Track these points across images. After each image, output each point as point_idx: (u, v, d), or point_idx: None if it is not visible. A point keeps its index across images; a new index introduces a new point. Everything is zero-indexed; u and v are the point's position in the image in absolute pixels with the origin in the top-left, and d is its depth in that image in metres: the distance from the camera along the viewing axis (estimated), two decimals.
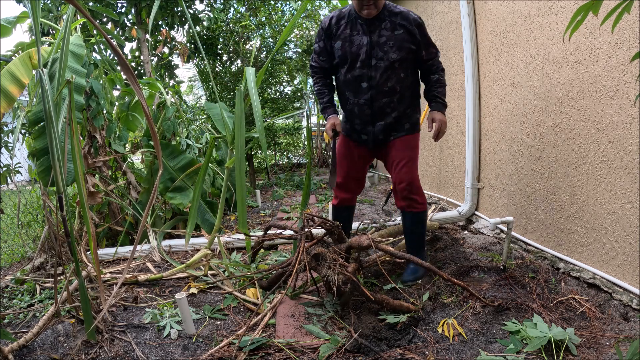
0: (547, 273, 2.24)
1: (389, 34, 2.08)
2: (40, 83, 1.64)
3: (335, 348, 1.63)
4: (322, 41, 2.23)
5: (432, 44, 2.18)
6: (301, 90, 7.70)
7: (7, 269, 2.86)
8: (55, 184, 1.63)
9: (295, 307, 2.04)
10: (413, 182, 2.23)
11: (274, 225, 2.35)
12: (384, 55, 2.09)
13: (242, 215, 2.13)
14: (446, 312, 1.91)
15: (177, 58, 6.25)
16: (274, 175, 7.46)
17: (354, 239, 1.95)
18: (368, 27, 2.10)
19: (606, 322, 1.76)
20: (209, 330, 1.87)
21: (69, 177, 2.32)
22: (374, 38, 2.09)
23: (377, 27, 2.09)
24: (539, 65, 2.36)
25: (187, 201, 3.31)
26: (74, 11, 2.07)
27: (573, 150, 2.16)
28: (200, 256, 2.41)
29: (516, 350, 1.56)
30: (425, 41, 2.14)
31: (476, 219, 3.22)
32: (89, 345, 1.72)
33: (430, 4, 3.89)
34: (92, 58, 2.89)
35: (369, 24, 2.09)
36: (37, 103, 2.53)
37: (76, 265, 1.67)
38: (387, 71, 2.11)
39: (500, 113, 2.80)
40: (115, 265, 2.77)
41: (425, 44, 2.14)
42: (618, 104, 1.85)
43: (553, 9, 2.20)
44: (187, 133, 3.91)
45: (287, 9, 6.89)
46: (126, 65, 1.54)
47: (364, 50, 2.10)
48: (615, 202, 1.91)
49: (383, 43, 2.08)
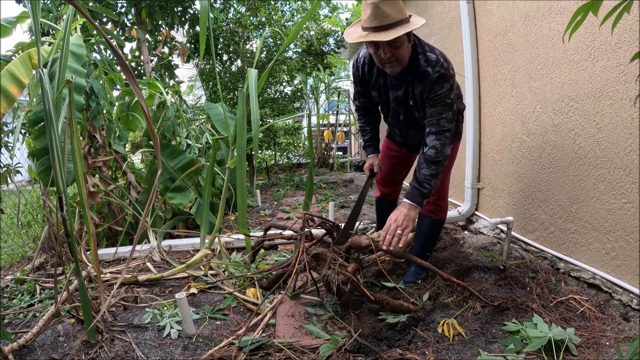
0: (547, 273, 2.24)
1: (412, 92, 1.89)
2: (40, 83, 1.64)
3: (335, 348, 1.63)
4: (359, 85, 2.14)
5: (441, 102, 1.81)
6: (301, 90, 7.70)
7: (7, 269, 2.86)
8: (55, 184, 1.63)
9: (295, 307, 2.04)
10: (442, 189, 2.23)
11: (274, 225, 2.35)
12: (409, 112, 1.99)
13: (243, 216, 2.13)
14: (446, 312, 1.91)
15: (177, 58, 6.24)
16: (274, 175, 7.45)
17: (354, 238, 1.95)
18: (396, 80, 1.92)
19: (606, 322, 1.76)
20: (209, 330, 1.87)
21: (69, 177, 2.32)
22: (399, 95, 1.94)
23: (403, 82, 1.90)
24: (539, 65, 2.36)
25: (187, 201, 3.31)
26: (74, 11, 2.07)
27: (573, 150, 2.15)
28: (200, 256, 2.41)
29: (516, 350, 1.56)
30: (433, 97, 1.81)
31: (476, 219, 3.22)
32: (89, 345, 1.72)
33: (430, 4, 3.89)
34: (92, 58, 2.89)
35: (397, 77, 1.91)
36: (37, 103, 2.53)
37: (76, 265, 1.67)
38: (412, 125, 2.05)
39: (500, 113, 2.80)
40: (115, 265, 2.77)
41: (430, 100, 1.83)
42: (618, 104, 1.85)
43: (553, 9, 2.20)
44: (187, 133, 3.91)
45: (287, 9, 6.90)
46: (126, 66, 1.54)
47: (393, 105, 2.03)
48: (615, 202, 1.91)
49: (407, 101, 1.94)
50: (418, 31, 4.25)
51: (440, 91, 1.78)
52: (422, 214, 2.31)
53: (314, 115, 8.20)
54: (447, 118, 1.80)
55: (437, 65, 1.78)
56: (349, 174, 7.02)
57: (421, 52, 1.83)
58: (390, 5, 1.66)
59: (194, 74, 8.49)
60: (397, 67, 1.81)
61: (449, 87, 1.79)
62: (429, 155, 1.80)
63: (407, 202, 1.82)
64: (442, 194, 2.26)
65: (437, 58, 1.81)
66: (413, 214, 1.79)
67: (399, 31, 1.65)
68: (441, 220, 2.32)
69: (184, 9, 5.49)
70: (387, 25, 1.67)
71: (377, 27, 1.68)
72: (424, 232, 2.33)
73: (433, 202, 2.24)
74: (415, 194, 1.82)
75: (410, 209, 1.80)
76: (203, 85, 6.65)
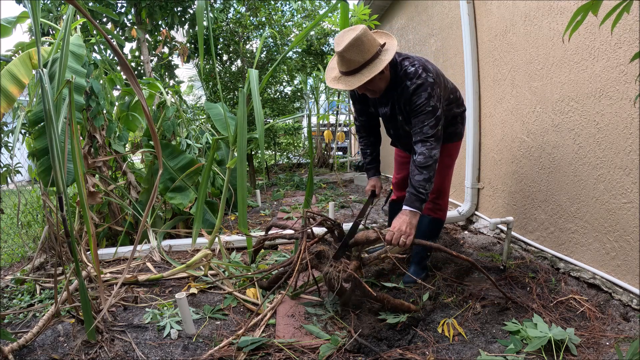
0: (547, 273, 2.24)
1: (398, 108, 1.97)
2: (40, 83, 1.64)
3: (335, 348, 1.63)
4: (357, 104, 2.23)
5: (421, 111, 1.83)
6: (301, 90, 7.70)
7: (7, 269, 2.86)
8: (55, 184, 1.63)
9: (296, 307, 2.04)
10: (441, 188, 2.26)
11: (274, 224, 2.35)
12: (398, 127, 2.07)
13: (243, 216, 2.13)
14: (446, 312, 1.91)
15: (177, 58, 6.24)
16: (274, 175, 7.46)
17: (360, 233, 1.95)
18: (382, 99, 2.03)
19: (606, 322, 1.76)
20: (209, 330, 1.87)
21: (69, 177, 2.32)
22: (387, 112, 2.04)
23: (389, 99, 1.99)
24: (539, 65, 2.36)
25: (187, 201, 3.31)
26: (74, 11, 2.07)
27: (573, 150, 2.16)
28: (200, 256, 2.41)
29: (516, 350, 1.56)
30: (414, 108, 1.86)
31: (476, 219, 3.22)
32: (89, 345, 1.72)
33: (430, 4, 3.89)
34: (92, 58, 2.89)
35: (382, 96, 2.01)
36: (37, 103, 2.53)
37: (76, 265, 1.67)
38: (405, 137, 2.10)
39: (500, 113, 2.81)
40: (115, 265, 2.76)
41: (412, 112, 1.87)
42: (618, 104, 1.85)
43: (553, 9, 2.20)
44: (187, 133, 3.91)
45: (287, 9, 6.90)
46: (126, 65, 1.54)
47: (384, 120, 2.13)
48: (615, 202, 1.91)
49: (395, 117, 2.03)
50: (417, 31, 4.26)
51: (419, 101, 1.83)
52: (422, 214, 2.30)
53: (314, 115, 8.20)
54: (430, 125, 1.83)
55: (415, 77, 1.84)
56: (349, 174, 7.02)
57: (401, 69, 1.89)
58: (355, 51, 1.73)
59: (194, 74, 8.50)
60: (375, 94, 1.94)
61: (427, 96, 1.82)
62: (418, 161, 1.84)
63: (407, 209, 1.85)
64: (441, 192, 2.27)
65: (414, 70, 1.85)
66: (414, 220, 1.84)
67: (364, 76, 1.76)
68: (440, 219, 2.32)
69: (184, 9, 5.49)
70: (354, 70, 1.78)
71: (346, 72, 1.80)
72: (422, 231, 2.33)
73: (432, 201, 2.25)
74: (413, 199, 1.85)
75: (411, 216, 1.84)
76: (203, 85, 6.65)
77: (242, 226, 2.13)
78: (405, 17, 4.65)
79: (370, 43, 1.76)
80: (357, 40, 1.72)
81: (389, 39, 1.87)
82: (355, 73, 1.78)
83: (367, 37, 1.75)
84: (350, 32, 1.75)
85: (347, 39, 1.73)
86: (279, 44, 6.50)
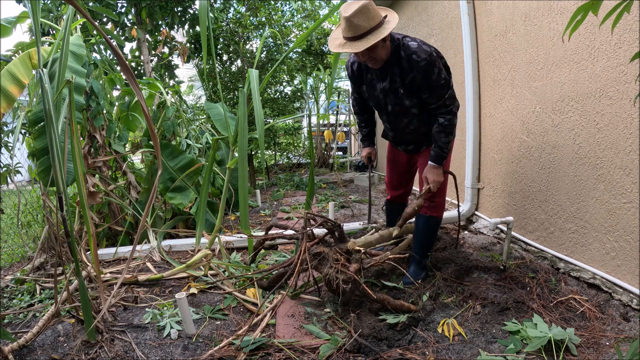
0: (547, 273, 2.24)
1: (399, 81, 2.06)
2: (40, 83, 1.64)
3: (335, 348, 1.63)
4: (353, 84, 2.37)
5: (438, 86, 2.00)
6: (301, 90, 7.70)
7: (7, 269, 2.86)
8: (55, 184, 1.63)
9: (296, 307, 2.04)
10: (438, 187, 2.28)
11: (275, 225, 2.35)
12: (398, 101, 2.13)
13: (244, 216, 2.13)
14: (446, 312, 1.91)
15: (177, 58, 6.24)
16: (274, 175, 7.45)
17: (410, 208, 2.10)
18: (380, 73, 2.12)
19: (606, 322, 1.76)
20: (209, 330, 1.87)
21: (69, 177, 2.32)
22: (386, 86, 2.12)
23: (388, 73, 2.08)
24: (539, 65, 2.36)
25: (187, 201, 3.31)
26: (74, 11, 2.07)
27: (573, 150, 2.16)
28: (200, 256, 2.41)
29: (516, 350, 1.56)
30: (428, 84, 2.00)
31: (476, 219, 3.22)
32: (89, 345, 1.72)
33: (430, 4, 3.89)
34: (92, 58, 2.89)
35: (381, 70, 2.10)
36: (37, 103, 2.53)
37: (76, 265, 1.67)
38: (402, 115, 2.20)
39: (500, 113, 2.80)
40: (115, 265, 2.76)
41: (427, 88, 2.01)
42: (618, 104, 1.85)
43: (553, 9, 2.20)
44: (187, 133, 3.91)
45: (287, 9, 6.89)
46: (125, 66, 1.54)
47: (380, 96, 2.19)
48: (615, 202, 1.91)
49: (395, 90, 2.10)
50: (417, 31, 4.25)
51: (433, 77, 1.99)
52: (418, 213, 2.33)
53: (314, 115, 8.19)
54: (447, 96, 2.04)
55: (420, 52, 1.98)
56: (349, 174, 7.02)
57: (401, 44, 2.03)
58: (362, 17, 1.86)
59: (194, 74, 8.49)
60: (377, 63, 2.03)
61: (438, 70, 1.99)
62: (444, 125, 2.07)
63: (433, 164, 2.14)
64: (439, 191, 2.27)
65: (417, 45, 2.00)
66: (440, 171, 2.16)
67: (370, 40, 1.87)
68: (437, 218, 2.33)
69: (184, 9, 5.49)
70: (359, 35, 1.88)
71: (351, 38, 1.91)
72: (420, 230, 2.34)
73: (428, 199, 2.27)
74: (439, 158, 2.12)
75: (437, 168, 2.15)
76: (203, 85, 6.64)
77: (244, 227, 2.13)
78: (405, 17, 4.64)
79: (375, 12, 1.90)
80: (364, 7, 1.85)
81: (390, 12, 2.00)
82: (360, 38, 1.89)
83: (373, 7, 1.90)
84: (358, 1, 1.87)
85: (355, 6, 1.86)
86: (279, 43, 6.49)
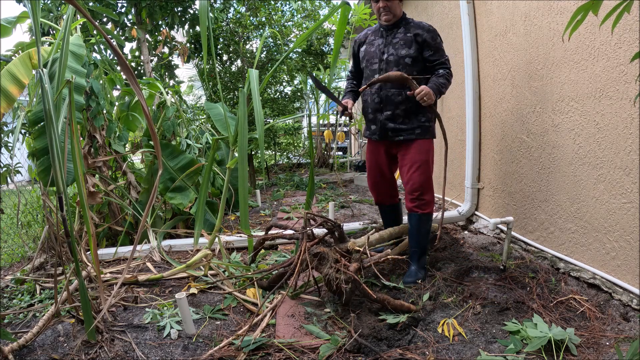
0: (547, 273, 2.24)
1: (402, 36, 2.34)
2: (40, 83, 1.64)
3: (335, 348, 1.63)
4: (353, 59, 2.60)
5: (441, 49, 2.34)
6: (301, 90, 7.69)
7: (7, 269, 2.86)
8: (55, 184, 1.63)
9: (296, 307, 2.04)
10: (423, 184, 2.30)
11: (275, 225, 2.35)
12: (395, 51, 2.33)
13: (245, 216, 2.13)
14: (446, 312, 1.91)
15: (177, 58, 6.24)
16: (274, 175, 7.45)
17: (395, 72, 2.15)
18: (386, 31, 2.40)
19: (606, 322, 1.76)
20: (209, 330, 1.87)
21: (69, 177, 2.32)
22: (388, 39, 2.38)
23: (392, 32, 2.38)
24: (539, 65, 2.36)
25: (187, 201, 3.31)
26: (74, 11, 2.07)
27: (573, 150, 2.16)
28: (200, 256, 2.41)
29: (516, 350, 1.56)
30: (434, 44, 2.31)
31: (476, 219, 3.22)
32: (89, 345, 1.72)
33: (430, 4, 3.89)
34: (92, 58, 2.89)
35: (388, 29, 2.39)
36: (37, 103, 2.53)
37: (76, 265, 1.67)
38: (397, 65, 2.32)
39: (501, 113, 2.80)
40: (115, 265, 2.76)
41: (433, 46, 2.31)
42: (618, 104, 1.85)
43: (553, 9, 2.20)
44: (187, 133, 3.91)
45: (287, 9, 6.89)
46: (126, 66, 1.54)
47: (380, 47, 2.40)
48: (615, 202, 1.91)
49: (396, 42, 2.35)
50: None
51: (437, 39, 2.33)
52: (409, 213, 2.37)
53: (314, 115, 8.19)
54: (446, 58, 2.35)
55: (425, 24, 2.35)
56: (349, 174, 7.02)
57: (409, 19, 2.41)
58: None
59: (194, 74, 8.49)
60: (390, 16, 2.32)
61: (440, 40, 2.35)
62: (444, 74, 2.29)
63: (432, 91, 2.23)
64: (425, 187, 2.30)
65: (420, 21, 2.38)
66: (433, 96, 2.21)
67: None
68: (428, 214, 2.35)
69: (184, 9, 5.49)
70: None
71: None
72: (414, 229, 2.36)
73: (417, 198, 2.30)
74: (435, 92, 2.23)
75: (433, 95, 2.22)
76: (203, 85, 6.64)
77: (244, 227, 2.13)
78: None
79: None
80: None
81: None
82: None
83: None
84: None
85: None
86: (279, 44, 6.49)
